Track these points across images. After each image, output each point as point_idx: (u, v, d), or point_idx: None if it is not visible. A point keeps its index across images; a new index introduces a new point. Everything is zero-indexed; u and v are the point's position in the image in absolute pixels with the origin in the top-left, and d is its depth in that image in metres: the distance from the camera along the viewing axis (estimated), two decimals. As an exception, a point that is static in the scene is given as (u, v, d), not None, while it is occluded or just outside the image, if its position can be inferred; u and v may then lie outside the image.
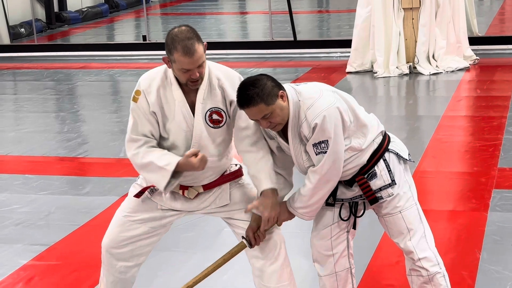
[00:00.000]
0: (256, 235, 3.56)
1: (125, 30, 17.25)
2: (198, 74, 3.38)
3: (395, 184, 3.51)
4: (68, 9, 17.62)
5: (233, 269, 4.68)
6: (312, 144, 3.37)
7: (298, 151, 3.46)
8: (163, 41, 3.45)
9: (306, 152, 3.44)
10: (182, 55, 3.32)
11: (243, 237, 3.59)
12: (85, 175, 6.85)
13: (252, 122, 3.47)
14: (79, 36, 15.94)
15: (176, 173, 3.48)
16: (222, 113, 3.51)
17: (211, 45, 13.11)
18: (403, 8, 10.15)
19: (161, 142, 3.57)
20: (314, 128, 3.33)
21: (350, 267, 3.71)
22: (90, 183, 6.49)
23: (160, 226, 3.69)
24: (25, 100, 9.97)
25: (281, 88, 3.38)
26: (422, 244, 3.56)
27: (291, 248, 4.11)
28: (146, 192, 3.66)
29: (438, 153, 6.79)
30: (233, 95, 3.45)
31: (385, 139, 3.55)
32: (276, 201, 3.53)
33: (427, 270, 3.56)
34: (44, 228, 5.50)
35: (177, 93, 3.48)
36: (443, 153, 6.80)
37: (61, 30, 16.59)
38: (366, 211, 3.63)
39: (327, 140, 3.34)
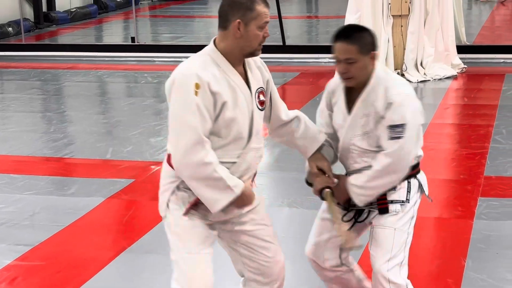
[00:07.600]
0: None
1: (113, 31, 17.20)
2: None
3: (408, 203, 3.47)
4: (57, 9, 17.55)
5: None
6: (387, 126, 3.29)
7: (355, 123, 3.39)
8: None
9: (362, 127, 3.37)
10: (265, 5, 3.23)
11: (322, 189, 3.46)
12: (71, 175, 6.81)
13: (291, 114, 3.47)
14: (67, 36, 15.88)
15: None
16: (265, 92, 3.38)
17: (200, 48, 13.19)
18: (392, 15, 10.18)
19: (217, 140, 3.21)
20: (390, 104, 3.28)
21: (351, 268, 3.68)
22: (75, 183, 6.45)
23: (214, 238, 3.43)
24: (11, 100, 9.91)
25: (376, 50, 3.39)
26: (394, 270, 3.44)
27: (289, 253, 4.10)
28: (192, 211, 3.27)
29: (425, 160, 6.67)
30: (267, 74, 3.41)
31: (418, 166, 3.54)
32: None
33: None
34: (29, 228, 5.46)
35: (236, 78, 3.24)
36: (430, 161, 6.79)
37: (49, 30, 16.52)
38: (368, 219, 3.57)
39: (403, 125, 3.27)
